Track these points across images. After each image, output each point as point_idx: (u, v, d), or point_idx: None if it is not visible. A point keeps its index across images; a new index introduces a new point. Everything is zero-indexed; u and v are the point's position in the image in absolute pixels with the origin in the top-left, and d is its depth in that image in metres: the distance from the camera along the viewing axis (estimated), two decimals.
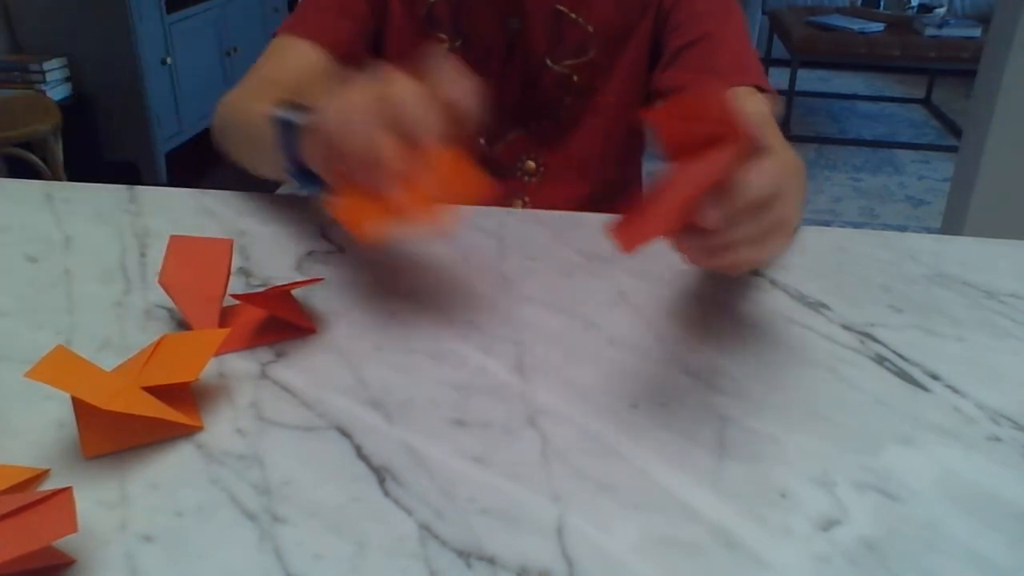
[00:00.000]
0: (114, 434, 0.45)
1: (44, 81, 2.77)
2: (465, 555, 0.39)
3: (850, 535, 0.41)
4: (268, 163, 0.68)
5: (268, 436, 0.47)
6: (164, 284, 0.56)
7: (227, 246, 0.59)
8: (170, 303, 0.58)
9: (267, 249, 0.68)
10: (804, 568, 0.39)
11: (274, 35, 0.86)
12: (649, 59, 0.86)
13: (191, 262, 0.58)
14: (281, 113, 0.62)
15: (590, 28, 0.84)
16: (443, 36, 0.86)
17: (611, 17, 0.84)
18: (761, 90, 0.80)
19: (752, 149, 0.45)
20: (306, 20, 0.85)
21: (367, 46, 0.87)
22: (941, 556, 0.40)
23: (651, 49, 0.86)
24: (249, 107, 0.73)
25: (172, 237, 0.59)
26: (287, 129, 0.62)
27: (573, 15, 0.83)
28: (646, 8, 0.84)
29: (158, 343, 0.50)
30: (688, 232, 0.46)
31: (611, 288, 0.63)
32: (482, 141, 0.89)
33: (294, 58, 0.83)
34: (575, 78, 0.86)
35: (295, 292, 0.59)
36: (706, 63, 0.80)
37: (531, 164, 0.91)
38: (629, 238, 0.44)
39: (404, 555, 0.39)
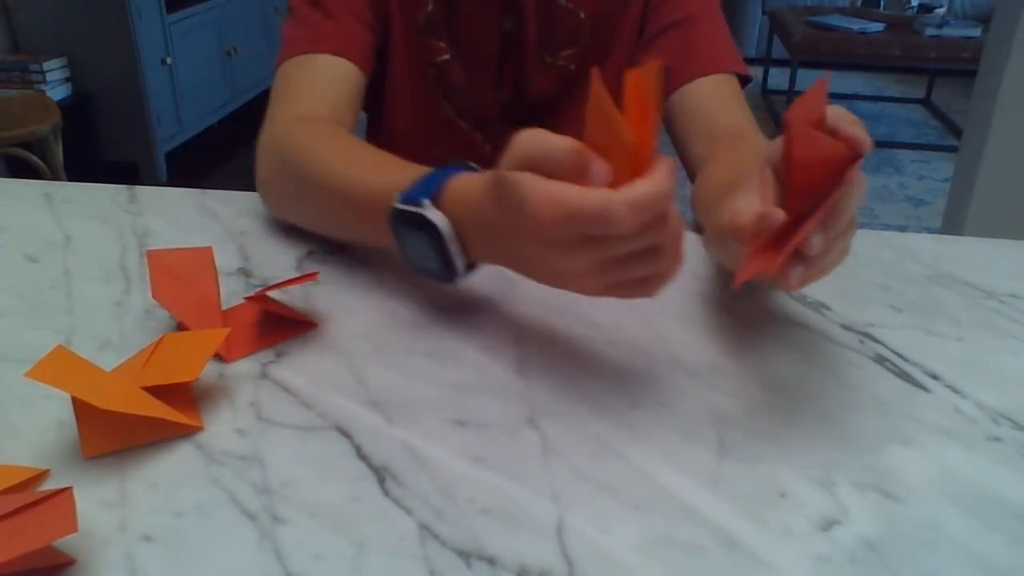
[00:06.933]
0: (114, 434, 0.45)
1: (44, 81, 2.77)
2: (465, 555, 0.39)
3: (850, 535, 0.41)
4: (371, 241, 0.62)
5: (268, 436, 0.47)
6: (159, 299, 0.56)
7: (208, 253, 0.59)
8: None
9: (267, 249, 0.68)
10: (804, 568, 0.39)
11: (279, 63, 0.77)
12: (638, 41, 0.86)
13: (177, 274, 0.57)
14: (410, 208, 0.53)
15: (581, 14, 0.84)
16: (441, 45, 0.85)
17: (600, 1, 0.84)
18: (738, 76, 0.82)
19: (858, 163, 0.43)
20: (321, 34, 0.76)
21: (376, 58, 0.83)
22: (941, 556, 0.40)
23: (640, 31, 0.86)
24: (335, 175, 0.63)
25: (149, 252, 0.58)
26: (415, 227, 0.53)
27: (563, 1, 0.83)
28: None
29: (158, 343, 0.50)
30: (791, 260, 0.44)
31: None
32: (482, 140, 0.89)
33: (325, 80, 0.75)
34: (572, 67, 0.86)
35: (294, 288, 0.59)
36: (683, 47, 0.81)
37: None
38: (747, 272, 0.43)
39: (404, 555, 0.39)
